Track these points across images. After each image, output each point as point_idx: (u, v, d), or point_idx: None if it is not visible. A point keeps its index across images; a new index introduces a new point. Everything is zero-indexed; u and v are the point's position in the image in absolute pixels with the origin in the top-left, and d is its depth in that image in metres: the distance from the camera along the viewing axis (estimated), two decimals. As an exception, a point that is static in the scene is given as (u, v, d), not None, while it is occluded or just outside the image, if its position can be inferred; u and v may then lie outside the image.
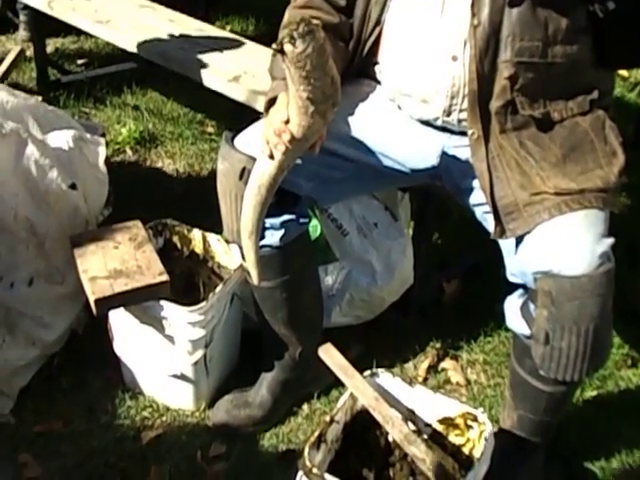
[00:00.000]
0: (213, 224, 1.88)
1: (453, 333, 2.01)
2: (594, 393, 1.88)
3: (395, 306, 1.98)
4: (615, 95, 3.68)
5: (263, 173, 1.35)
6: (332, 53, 1.21)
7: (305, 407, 1.81)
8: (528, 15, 1.29)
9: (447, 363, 1.95)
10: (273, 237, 1.52)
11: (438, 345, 1.98)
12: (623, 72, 3.60)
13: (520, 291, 1.40)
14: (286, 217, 1.52)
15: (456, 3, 1.32)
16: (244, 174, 1.44)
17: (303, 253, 1.63)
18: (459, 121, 1.40)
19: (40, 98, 2.52)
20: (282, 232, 1.52)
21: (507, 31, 1.30)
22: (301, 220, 1.56)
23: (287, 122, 1.26)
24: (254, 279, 1.46)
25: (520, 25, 1.29)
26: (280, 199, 1.45)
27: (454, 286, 2.16)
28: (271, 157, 1.31)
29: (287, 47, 1.14)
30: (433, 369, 1.93)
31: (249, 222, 1.39)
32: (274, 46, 1.15)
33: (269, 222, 1.50)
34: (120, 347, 1.77)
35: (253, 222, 1.39)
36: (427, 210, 1.93)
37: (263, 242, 1.51)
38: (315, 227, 1.82)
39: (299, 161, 1.41)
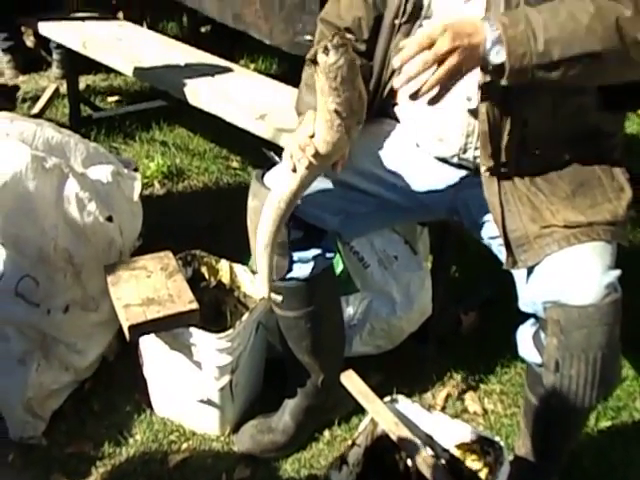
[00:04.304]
0: (239, 255, 1.97)
1: (471, 363, 2.06)
2: (609, 423, 1.91)
3: (414, 336, 2.03)
4: (631, 132, 3.75)
5: (284, 187, 1.39)
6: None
7: (326, 433, 1.86)
8: None
9: (465, 393, 1.99)
10: (301, 270, 1.58)
11: (456, 375, 2.03)
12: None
13: (532, 321, 1.44)
14: (313, 251, 1.58)
15: None
16: None
17: (328, 285, 1.70)
18: (474, 158, 1.47)
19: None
20: (309, 266, 1.59)
21: None
22: (327, 255, 1.62)
23: (312, 137, 1.33)
24: (264, 293, 1.52)
25: None
26: (307, 234, 1.52)
27: (472, 318, 2.22)
28: (294, 172, 1.37)
29: (320, 57, 1.21)
30: (451, 398, 1.98)
31: (266, 235, 1.43)
32: (308, 56, 1.22)
33: (297, 256, 1.57)
34: (150, 372, 1.85)
35: (269, 235, 1.43)
36: (445, 244, 1.99)
37: (291, 275, 1.58)
38: (337, 259, 1.88)
39: (325, 198, 1.49)
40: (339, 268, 1.90)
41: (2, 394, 1.77)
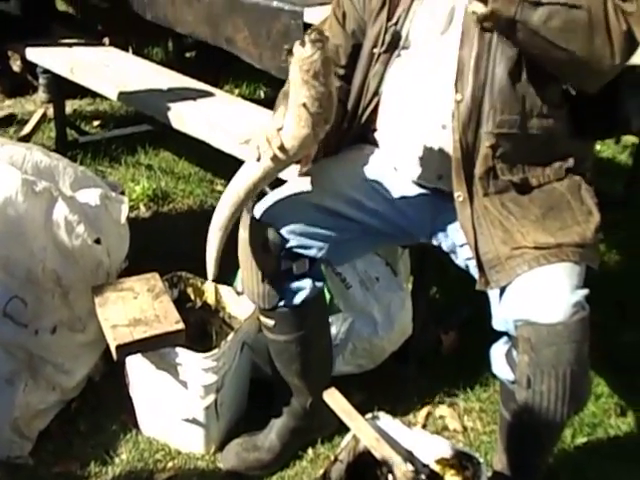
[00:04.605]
0: (224, 276, 2.00)
1: (451, 382, 2.11)
2: (585, 440, 1.96)
3: (396, 356, 2.08)
4: (607, 156, 3.85)
5: (246, 176, 1.45)
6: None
7: (310, 451, 1.89)
8: (507, 91, 1.44)
9: (445, 411, 2.04)
10: (292, 299, 1.63)
11: (436, 393, 2.07)
12: (614, 135, 3.78)
13: (505, 339, 1.49)
14: (304, 281, 1.63)
15: (443, 80, 1.48)
16: (265, 243, 1.56)
17: (318, 311, 1.75)
18: (450, 184, 1.53)
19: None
20: (300, 294, 1.63)
21: (488, 106, 1.44)
22: (317, 284, 1.66)
23: (280, 130, 1.38)
24: (209, 275, 1.58)
25: (500, 100, 1.44)
26: (298, 264, 1.58)
27: (451, 337, 2.27)
28: (258, 161, 1.42)
29: (296, 49, 1.27)
30: (432, 416, 2.02)
31: (221, 218, 1.49)
32: (286, 47, 1.28)
33: (288, 285, 1.62)
34: (136, 392, 1.88)
35: (224, 220, 1.49)
36: (425, 266, 2.05)
37: (282, 303, 1.63)
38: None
39: (312, 228, 1.55)
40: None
41: (-11, 414, 1.78)
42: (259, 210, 1.61)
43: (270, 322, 1.68)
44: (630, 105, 1.52)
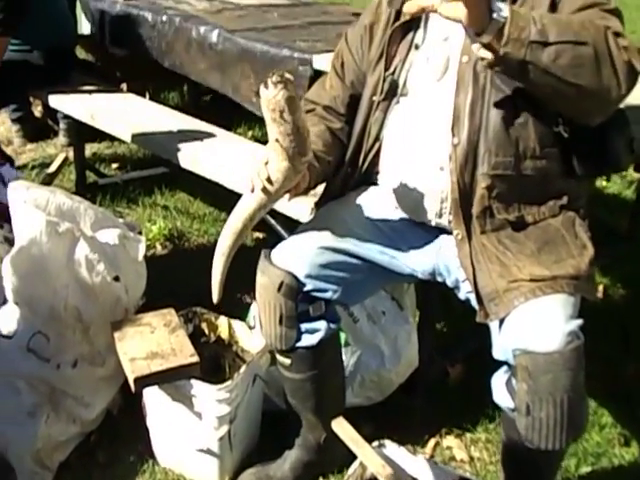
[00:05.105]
0: (237, 311, 2.09)
1: (458, 413, 2.15)
2: (589, 469, 2.00)
3: (403, 388, 2.13)
4: (613, 192, 3.91)
5: (243, 207, 1.56)
6: (303, 110, 1.45)
7: (320, 480, 1.96)
8: (501, 135, 1.52)
9: (452, 441, 2.08)
10: (308, 340, 1.70)
11: (443, 424, 2.12)
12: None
13: (505, 368, 1.54)
14: (320, 322, 1.70)
15: (440, 125, 1.57)
16: (282, 287, 1.64)
17: (333, 350, 1.82)
18: (449, 222, 1.61)
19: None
20: (316, 335, 1.70)
21: (483, 148, 1.53)
22: (332, 325, 1.73)
23: (267, 164, 1.49)
24: (214, 298, 1.67)
25: (495, 143, 1.53)
26: (314, 306, 1.66)
27: (458, 369, 2.32)
28: (252, 192, 1.53)
29: (262, 91, 1.37)
30: (439, 446, 2.06)
31: (223, 246, 1.60)
32: (253, 89, 1.36)
33: (304, 327, 1.69)
34: (152, 423, 1.95)
35: (226, 247, 1.59)
36: (430, 300, 2.12)
37: (299, 344, 1.69)
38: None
39: (325, 271, 1.64)
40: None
41: (12, 445, 1.85)
42: (276, 255, 1.69)
43: (287, 361, 1.75)
44: (618, 144, 1.60)
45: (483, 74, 1.53)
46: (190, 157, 2.63)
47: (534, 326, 1.43)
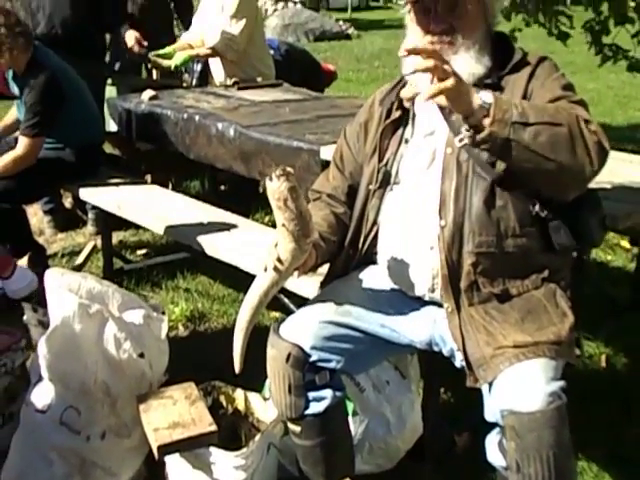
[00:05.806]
0: (253, 384, 2.23)
1: (466, 479, 2.24)
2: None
3: (412, 456, 2.22)
4: (617, 265, 4.03)
5: (258, 285, 1.73)
6: (304, 197, 1.62)
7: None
8: (484, 217, 1.70)
9: (461, 507, 2.19)
10: (316, 407, 1.83)
11: (452, 490, 2.23)
12: (625, 244, 4.02)
13: (497, 429, 1.66)
14: (326, 391, 1.84)
15: (429, 209, 1.75)
16: (290, 358, 1.79)
17: (340, 417, 1.94)
18: (441, 296, 1.77)
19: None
20: (323, 403, 1.83)
21: (468, 229, 1.70)
22: (337, 393, 1.87)
23: (276, 246, 1.66)
24: (236, 368, 1.80)
25: (478, 224, 1.70)
26: (320, 376, 1.80)
27: (465, 438, 2.41)
28: (265, 271, 1.70)
29: (267, 184, 1.57)
30: (448, 511, 2.17)
31: (242, 321, 1.77)
32: (261, 183, 1.55)
33: (312, 395, 1.82)
34: (175, 491, 2.08)
35: (244, 322, 1.76)
36: (433, 369, 2.25)
37: (307, 412, 1.83)
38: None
39: (330, 342, 1.78)
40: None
41: (45, 514, 1.99)
42: (283, 329, 1.85)
43: (297, 429, 1.88)
44: (592, 222, 1.78)
45: (466, 163, 1.72)
46: (210, 243, 2.80)
47: (518, 388, 1.56)
